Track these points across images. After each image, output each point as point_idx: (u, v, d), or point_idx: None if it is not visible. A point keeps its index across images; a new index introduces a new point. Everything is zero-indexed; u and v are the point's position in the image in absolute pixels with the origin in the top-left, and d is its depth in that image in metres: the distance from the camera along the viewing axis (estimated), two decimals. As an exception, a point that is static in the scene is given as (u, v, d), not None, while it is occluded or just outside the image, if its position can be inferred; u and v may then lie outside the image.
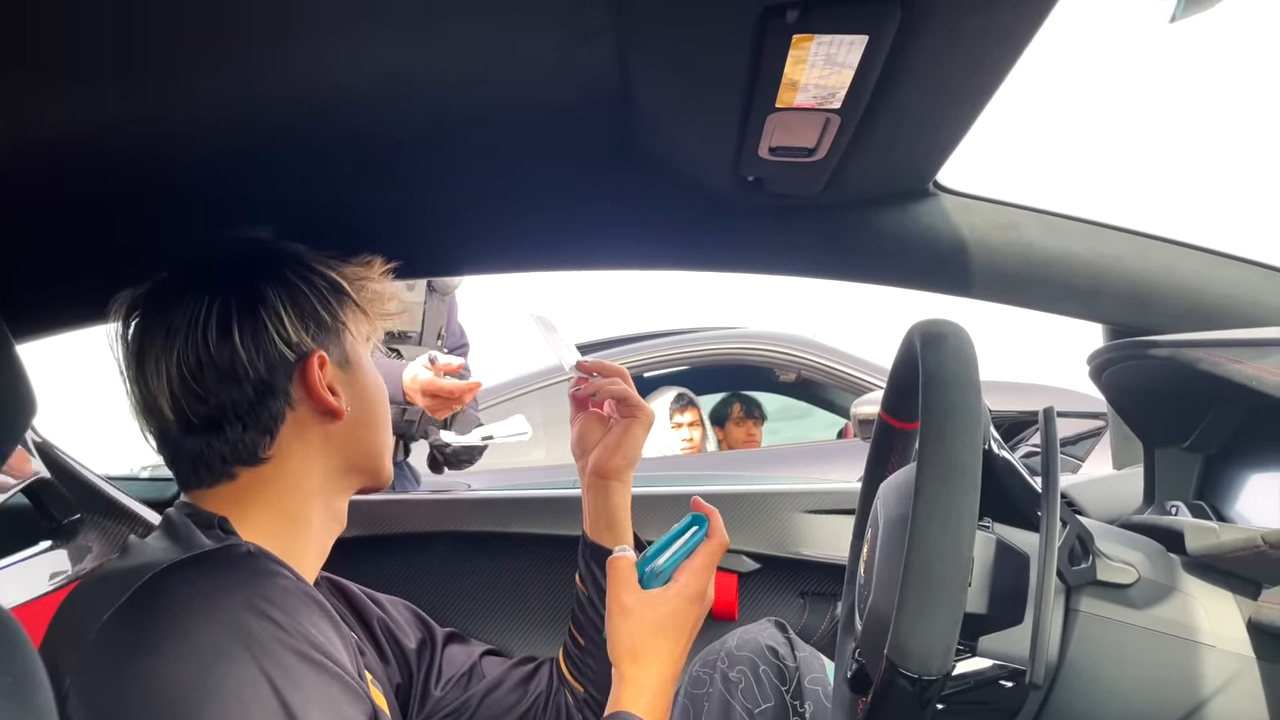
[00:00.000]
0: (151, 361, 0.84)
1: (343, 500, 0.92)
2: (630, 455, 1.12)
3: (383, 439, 0.94)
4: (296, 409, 0.86)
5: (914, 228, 1.04)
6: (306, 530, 0.87)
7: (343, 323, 0.90)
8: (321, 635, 0.73)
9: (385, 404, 0.95)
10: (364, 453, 0.92)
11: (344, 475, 0.91)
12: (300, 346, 0.86)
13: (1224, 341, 0.80)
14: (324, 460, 0.88)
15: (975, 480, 0.65)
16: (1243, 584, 0.79)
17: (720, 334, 3.74)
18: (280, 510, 0.86)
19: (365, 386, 0.92)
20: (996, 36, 0.71)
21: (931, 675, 0.64)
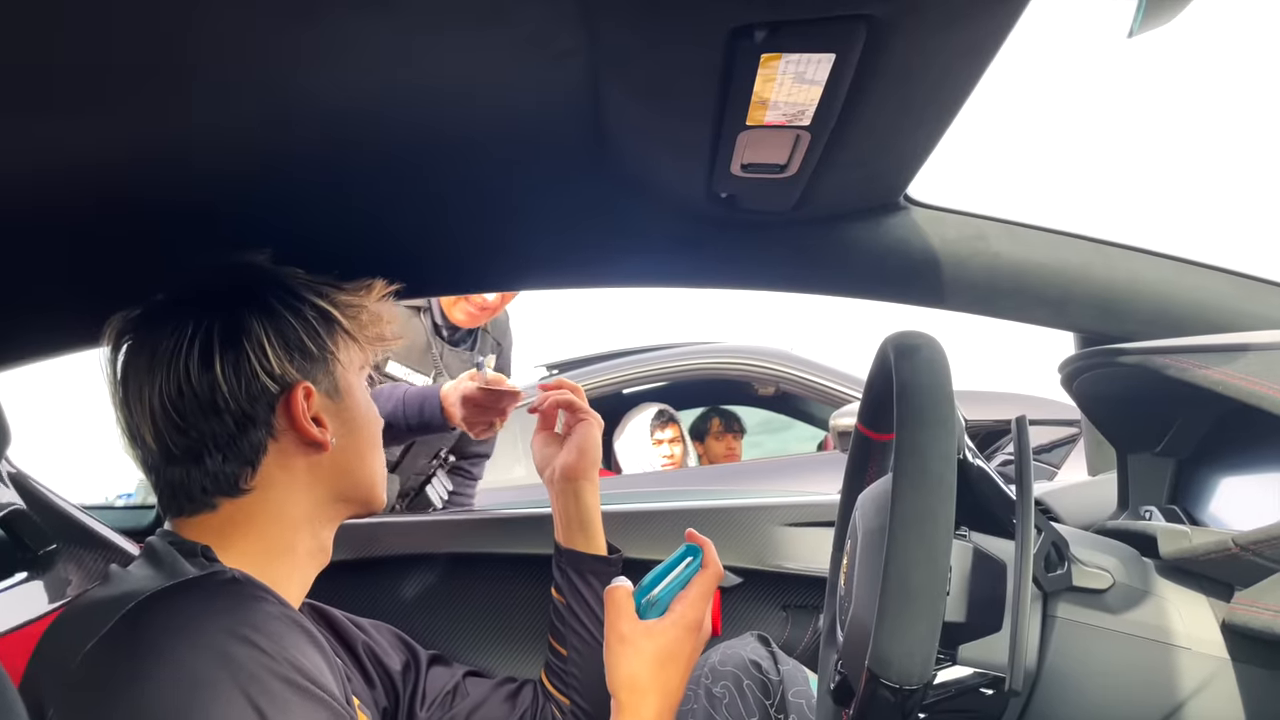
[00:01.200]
0: (135, 389, 0.84)
1: (330, 529, 0.92)
2: (591, 454, 1.16)
3: (373, 468, 0.93)
4: (280, 440, 0.86)
5: (885, 241, 1.05)
6: (291, 559, 0.87)
7: (331, 352, 0.89)
8: (308, 661, 0.72)
9: (376, 433, 0.94)
10: (353, 483, 0.91)
11: (330, 505, 0.90)
12: (284, 378, 0.85)
13: (1191, 348, 0.82)
14: (310, 491, 0.88)
15: (951, 490, 0.65)
16: (1216, 586, 0.80)
17: (698, 349, 3.75)
18: (264, 540, 0.85)
19: (355, 417, 0.91)
20: (961, 52, 0.72)
21: (912, 684, 0.64)
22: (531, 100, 0.82)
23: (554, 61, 0.74)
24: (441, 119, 0.85)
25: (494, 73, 0.76)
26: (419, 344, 1.97)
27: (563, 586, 1.13)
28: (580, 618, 1.11)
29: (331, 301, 0.90)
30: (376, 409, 0.96)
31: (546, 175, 0.99)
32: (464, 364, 2.05)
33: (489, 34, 0.70)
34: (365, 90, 0.78)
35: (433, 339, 1.99)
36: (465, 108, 0.83)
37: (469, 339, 2.08)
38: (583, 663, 1.09)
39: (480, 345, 2.10)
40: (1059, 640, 0.77)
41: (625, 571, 1.32)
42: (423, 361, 1.98)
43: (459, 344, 2.05)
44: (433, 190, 1.01)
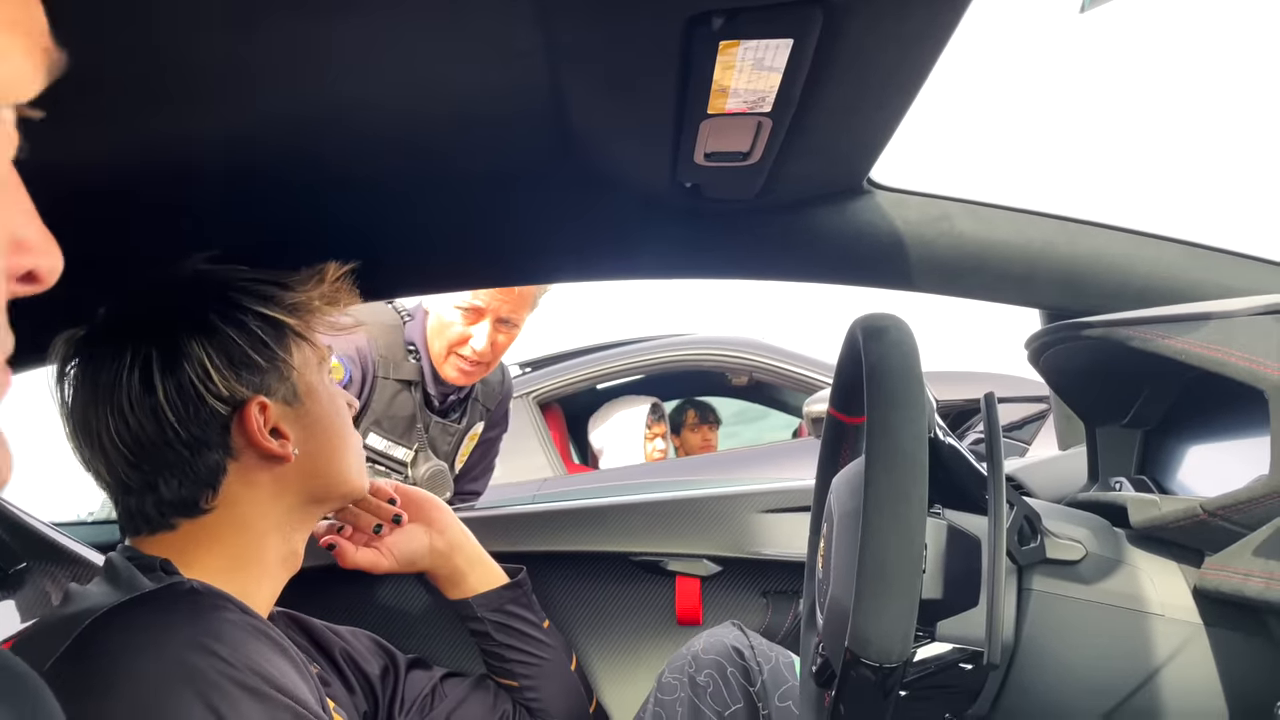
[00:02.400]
0: (82, 422, 0.82)
1: (304, 532, 0.91)
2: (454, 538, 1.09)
3: (345, 464, 0.91)
4: (239, 458, 0.84)
5: (851, 225, 1.05)
6: (260, 568, 0.86)
7: (284, 359, 0.86)
8: (272, 668, 0.72)
9: (345, 427, 0.92)
10: (324, 483, 0.90)
11: (302, 509, 0.89)
12: (233, 397, 0.83)
13: (1153, 319, 0.83)
14: (277, 500, 0.86)
15: (923, 469, 0.66)
16: (1186, 553, 0.81)
17: (671, 341, 3.76)
18: (229, 552, 0.84)
19: (319, 418, 0.89)
20: (917, 35, 0.73)
21: (892, 663, 0.65)
22: (491, 99, 0.82)
23: (512, 59, 0.74)
24: (402, 120, 0.85)
25: (452, 73, 0.76)
26: (404, 416, 1.90)
27: (491, 632, 1.08)
28: (519, 647, 1.08)
29: (279, 306, 0.87)
30: (342, 399, 0.93)
31: (510, 172, 0.99)
32: (450, 438, 1.99)
33: (446, 35, 0.70)
34: (325, 95, 0.77)
35: (420, 411, 1.92)
36: (425, 109, 0.83)
37: (459, 408, 2.01)
38: (537, 682, 1.08)
39: (469, 417, 2.03)
40: (1035, 612, 0.77)
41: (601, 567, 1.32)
42: (406, 435, 1.91)
43: (448, 414, 1.99)
44: (396, 192, 1.01)
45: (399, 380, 1.89)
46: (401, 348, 1.90)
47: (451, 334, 1.84)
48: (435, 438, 1.97)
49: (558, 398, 3.75)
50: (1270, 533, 0.71)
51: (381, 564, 1.04)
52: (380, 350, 1.86)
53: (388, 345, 1.88)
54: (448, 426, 1.98)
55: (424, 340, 1.90)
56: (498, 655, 1.08)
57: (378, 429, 1.88)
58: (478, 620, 1.08)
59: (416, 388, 1.91)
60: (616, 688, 1.28)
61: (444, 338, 1.86)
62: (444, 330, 1.85)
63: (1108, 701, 0.78)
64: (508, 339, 1.88)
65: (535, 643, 1.09)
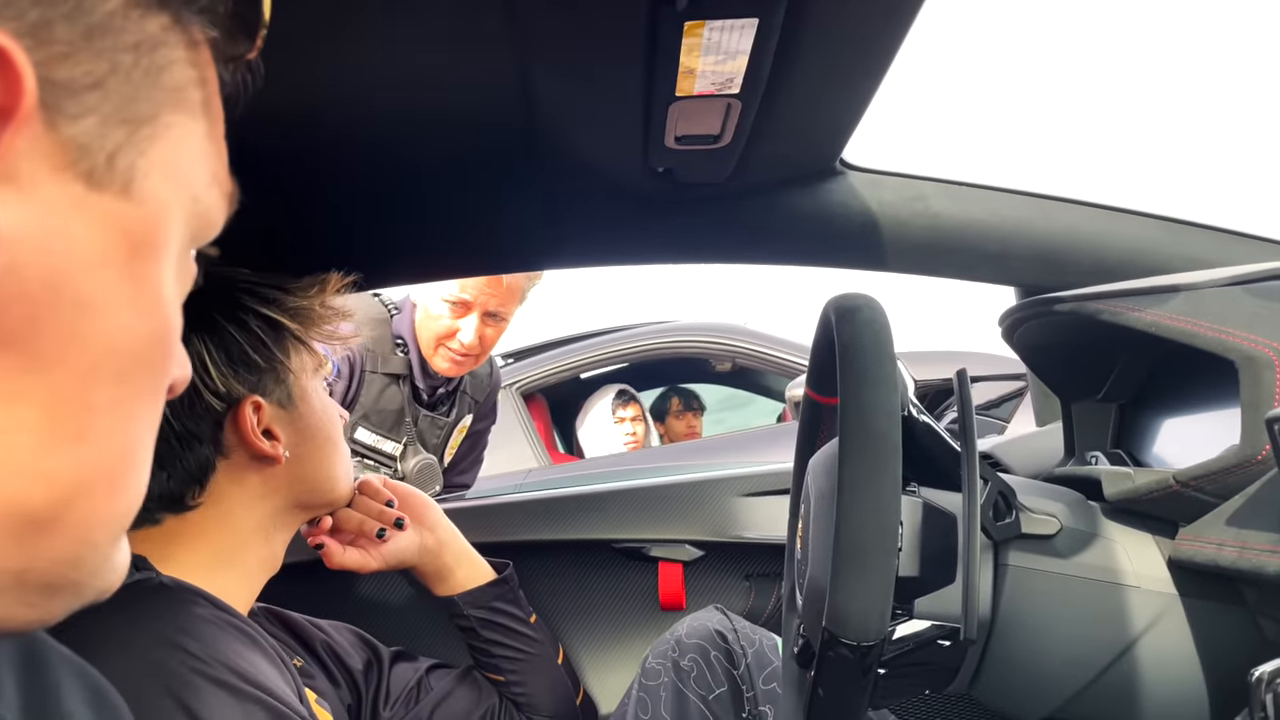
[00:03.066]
0: None
1: (286, 535, 0.90)
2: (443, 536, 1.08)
3: (333, 471, 0.92)
4: (230, 456, 0.84)
5: (825, 207, 1.05)
6: (239, 570, 0.85)
7: (281, 362, 0.87)
8: (245, 663, 0.71)
9: (335, 434, 0.92)
10: (311, 489, 0.90)
11: (287, 513, 0.89)
12: (229, 394, 0.83)
13: (1123, 292, 0.83)
14: (264, 501, 0.86)
15: (896, 447, 0.66)
16: (1160, 524, 0.82)
17: (653, 329, 3.76)
18: (210, 550, 0.83)
19: (311, 423, 0.89)
20: (883, 13, 0.72)
21: (870, 641, 0.65)
22: (460, 88, 0.81)
23: (478, 47, 0.74)
24: (370, 112, 0.84)
25: (418, 63, 0.75)
26: (392, 411, 1.89)
27: (477, 629, 1.08)
28: (505, 643, 1.08)
29: (280, 308, 0.87)
30: (334, 408, 0.94)
31: (481, 161, 0.99)
32: (440, 429, 1.98)
33: (410, 24, 0.69)
34: (290, 85, 0.76)
35: (408, 405, 1.91)
36: (393, 100, 0.82)
37: (448, 401, 2.00)
38: (523, 676, 1.08)
39: (458, 409, 2.02)
40: (1012, 587, 0.78)
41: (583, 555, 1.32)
42: (395, 429, 1.90)
43: (436, 407, 1.98)
44: (369, 182, 1.00)
45: (387, 374, 1.88)
46: (389, 341, 1.89)
47: (439, 327, 1.84)
48: (424, 431, 1.96)
49: (541, 388, 3.74)
50: (1242, 502, 0.72)
51: (370, 565, 1.03)
52: (368, 345, 1.86)
53: (375, 340, 1.87)
54: (436, 419, 1.98)
55: (412, 333, 1.89)
56: (484, 651, 1.08)
57: (366, 423, 1.88)
58: (464, 617, 1.08)
59: (405, 381, 1.91)
60: (601, 675, 1.28)
61: (432, 330, 1.85)
62: (432, 323, 1.85)
63: (1086, 673, 0.79)
64: (496, 332, 1.88)
65: (522, 638, 1.09)
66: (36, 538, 0.29)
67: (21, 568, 0.29)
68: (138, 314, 0.31)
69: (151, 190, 0.31)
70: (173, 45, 0.31)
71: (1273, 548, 0.66)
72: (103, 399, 0.30)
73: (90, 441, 0.30)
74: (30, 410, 0.28)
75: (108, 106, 0.29)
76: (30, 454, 0.28)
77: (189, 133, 0.32)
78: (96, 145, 0.29)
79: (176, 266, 0.33)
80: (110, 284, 0.30)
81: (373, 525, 1.03)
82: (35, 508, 0.29)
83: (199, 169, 0.33)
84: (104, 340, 0.30)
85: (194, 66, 0.32)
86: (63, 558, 0.31)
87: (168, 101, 0.31)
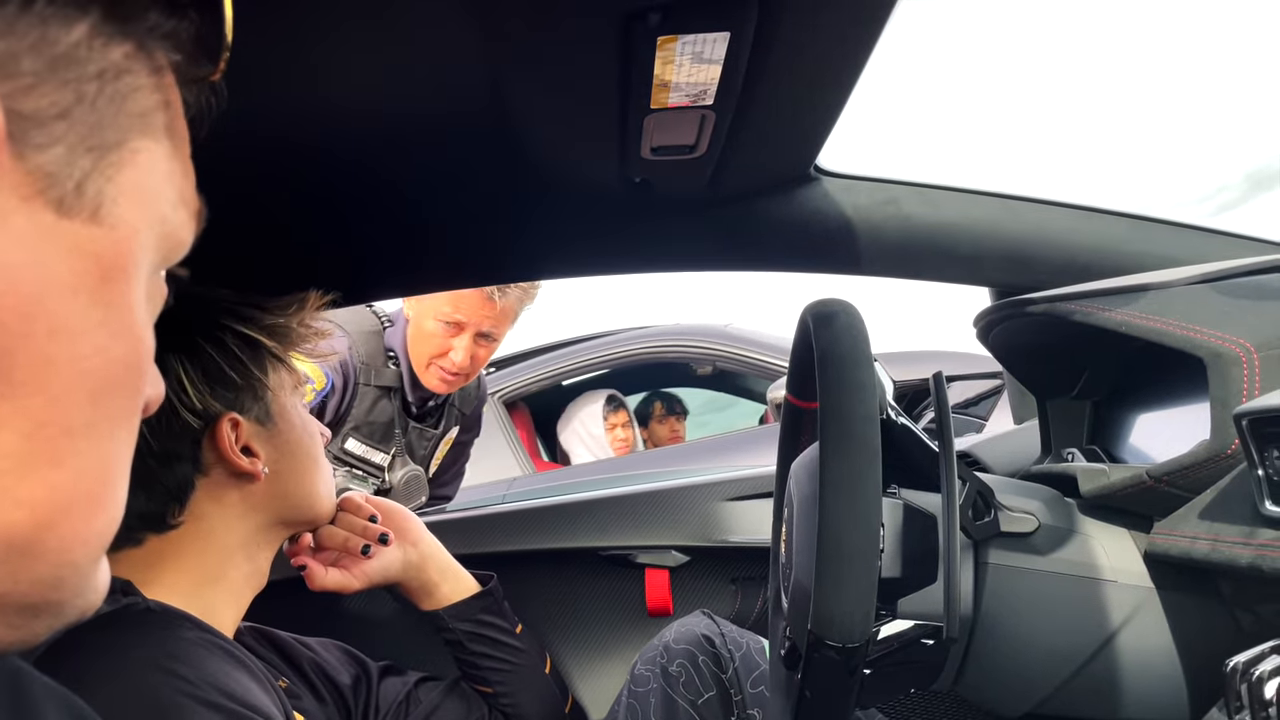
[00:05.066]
0: None
1: (269, 552, 0.90)
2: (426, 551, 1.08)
3: (313, 488, 0.92)
4: (209, 474, 0.84)
5: (800, 213, 1.06)
6: (224, 586, 0.85)
7: (259, 379, 0.87)
8: (234, 683, 0.71)
9: (315, 451, 0.92)
10: (292, 505, 0.90)
11: (269, 529, 0.89)
12: (207, 412, 0.83)
13: (1094, 292, 0.85)
14: (245, 519, 0.86)
15: (875, 450, 0.67)
16: (1136, 519, 0.84)
17: (634, 334, 3.76)
18: (194, 571, 0.83)
19: (290, 440, 0.89)
20: (852, 22, 0.74)
21: (854, 642, 0.66)
22: (436, 100, 0.82)
23: (453, 60, 0.74)
24: (345, 125, 0.84)
25: (392, 73, 0.76)
26: (383, 423, 1.91)
27: (464, 642, 1.08)
28: (492, 654, 1.08)
29: (257, 326, 0.88)
30: (314, 425, 0.94)
31: (459, 174, 0.99)
32: (427, 441, 2.00)
33: (384, 36, 0.69)
34: (267, 101, 0.77)
35: (399, 417, 1.93)
36: (368, 112, 0.82)
37: (436, 414, 2.02)
38: (511, 688, 1.08)
39: (446, 421, 2.04)
40: (992, 585, 0.79)
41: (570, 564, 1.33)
42: (385, 440, 1.92)
43: (425, 419, 2.00)
44: (346, 196, 1.00)
45: (379, 387, 1.89)
46: (382, 354, 1.90)
47: (431, 346, 1.85)
48: (412, 442, 1.97)
49: (523, 397, 3.74)
50: (1213, 496, 0.73)
51: (352, 585, 1.03)
52: (361, 357, 1.87)
53: (369, 352, 1.88)
54: (424, 431, 1.99)
55: (404, 347, 1.90)
56: (471, 663, 1.09)
57: (357, 434, 1.89)
58: (450, 630, 1.08)
59: (396, 394, 1.92)
60: (590, 682, 1.29)
61: (424, 349, 1.87)
62: (424, 341, 1.86)
63: (1067, 667, 0.80)
64: (487, 352, 1.90)
65: (508, 649, 1.09)
66: (18, 561, 0.30)
67: (2, 590, 0.30)
68: (111, 337, 0.31)
69: (120, 215, 0.31)
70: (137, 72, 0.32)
71: (1244, 540, 0.68)
72: (79, 422, 0.30)
73: (68, 464, 0.30)
74: (7, 436, 0.28)
75: (74, 135, 0.29)
76: (9, 479, 0.29)
77: (155, 156, 0.33)
78: (65, 173, 0.29)
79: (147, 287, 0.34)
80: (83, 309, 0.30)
81: (357, 542, 1.03)
82: (15, 532, 0.29)
83: (166, 191, 0.34)
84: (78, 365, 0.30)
85: (158, 91, 0.33)
86: (44, 579, 0.31)
87: (133, 127, 0.32)
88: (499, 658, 1.08)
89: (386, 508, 1.07)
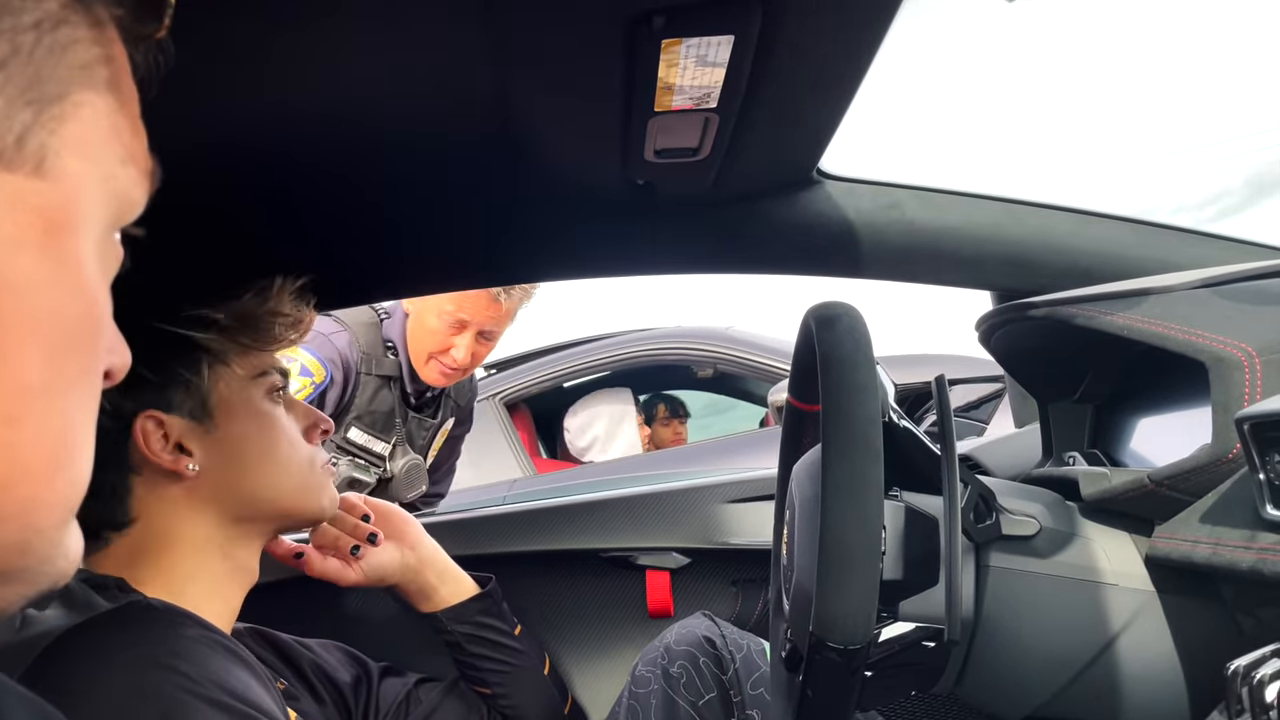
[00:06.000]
0: None
1: (245, 548, 0.89)
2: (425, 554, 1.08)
3: (270, 481, 0.89)
4: (142, 472, 0.83)
5: (802, 216, 1.07)
6: (205, 582, 0.85)
7: (190, 377, 0.85)
8: (236, 681, 0.71)
9: (272, 445, 0.89)
10: (244, 501, 0.87)
11: (232, 525, 0.87)
12: (117, 411, 0.81)
13: (1096, 296, 0.85)
14: (198, 515, 0.85)
15: (878, 453, 0.67)
16: (1137, 523, 0.84)
17: (635, 336, 3.77)
18: (168, 567, 0.83)
19: (233, 435, 0.86)
20: (856, 25, 0.74)
21: (856, 644, 0.66)
22: (439, 100, 0.82)
23: (457, 60, 0.74)
24: (347, 124, 0.84)
25: (397, 74, 0.76)
26: (384, 412, 1.95)
27: (462, 643, 1.08)
28: (491, 656, 1.08)
29: (191, 322, 0.86)
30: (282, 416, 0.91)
31: (462, 174, 0.99)
32: (426, 431, 2.03)
33: (388, 35, 0.70)
34: (268, 99, 0.77)
35: (399, 407, 1.97)
36: (370, 111, 0.82)
37: (433, 404, 2.06)
38: (509, 689, 1.08)
39: (443, 412, 2.08)
40: (993, 588, 0.79)
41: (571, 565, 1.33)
42: (386, 429, 1.95)
43: (423, 409, 2.04)
44: (345, 195, 1.00)
45: (380, 376, 1.93)
46: (380, 344, 1.94)
47: (432, 342, 1.89)
48: (412, 432, 2.01)
49: (524, 398, 3.74)
50: (1215, 500, 0.73)
51: (348, 575, 1.03)
52: (362, 348, 1.90)
53: (369, 343, 1.92)
54: (423, 421, 2.03)
55: (402, 339, 1.94)
56: (470, 664, 1.09)
57: (359, 424, 1.92)
58: (449, 632, 1.08)
59: (395, 383, 1.96)
60: (591, 684, 1.29)
61: (424, 344, 1.90)
62: (425, 336, 1.90)
63: (1067, 671, 0.80)
64: (486, 350, 1.94)
65: (507, 650, 1.09)
66: None
67: None
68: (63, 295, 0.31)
69: (64, 169, 0.31)
70: (75, 24, 0.31)
71: (1245, 544, 0.68)
72: (34, 380, 0.30)
73: (26, 425, 0.30)
74: None
75: (12, 88, 0.29)
76: None
77: (99, 111, 0.33)
78: (4, 127, 0.29)
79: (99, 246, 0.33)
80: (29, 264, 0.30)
81: (347, 541, 1.03)
82: None
83: (112, 146, 0.33)
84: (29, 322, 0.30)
85: (99, 45, 0.33)
86: (10, 544, 0.31)
87: (75, 80, 0.31)
88: (497, 659, 1.08)
89: (384, 510, 1.07)
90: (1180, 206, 5.73)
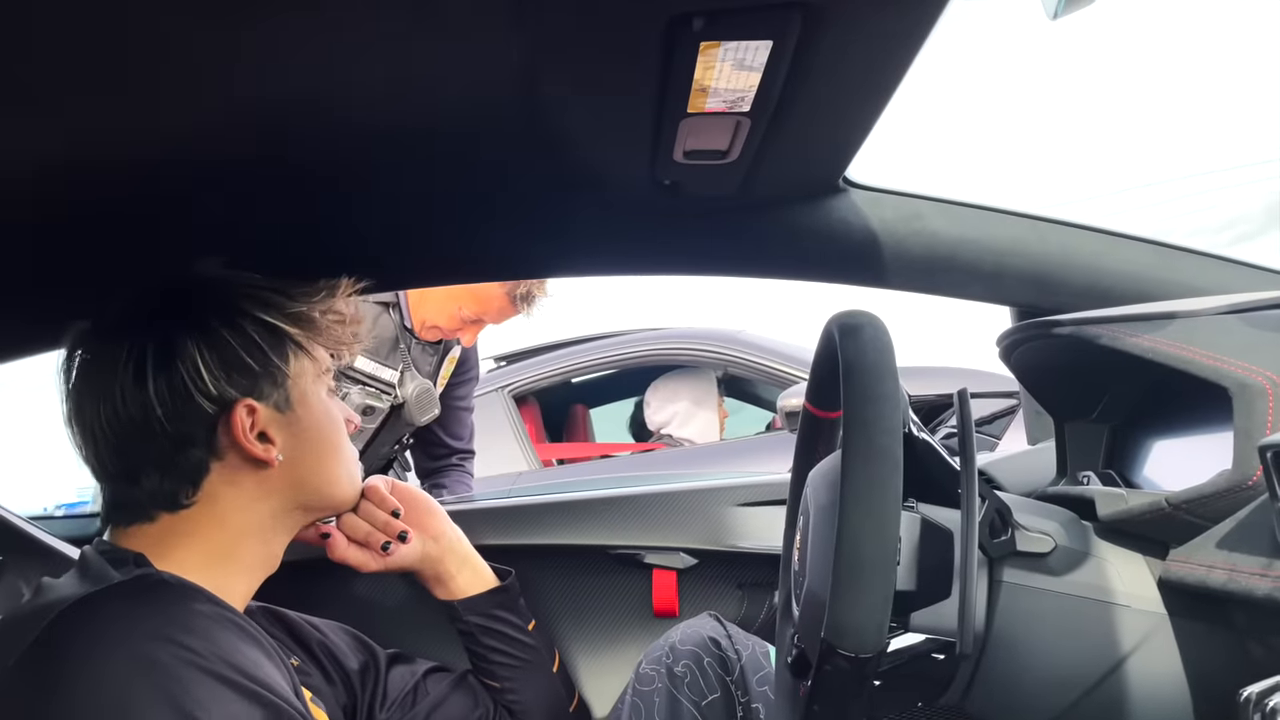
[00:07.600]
0: (75, 407, 0.84)
1: (284, 538, 0.91)
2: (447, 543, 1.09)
3: (332, 475, 0.93)
4: (224, 458, 0.85)
5: (827, 223, 1.07)
6: (235, 568, 0.86)
7: (278, 366, 0.88)
8: (244, 658, 0.72)
9: (335, 438, 0.93)
10: (310, 491, 0.91)
11: (286, 515, 0.90)
12: (222, 398, 0.84)
13: (1121, 317, 0.85)
14: (260, 503, 0.87)
15: (897, 463, 0.67)
16: (1152, 545, 0.84)
17: (645, 335, 3.77)
18: (204, 549, 0.84)
19: (309, 427, 0.90)
20: (894, 37, 0.74)
21: (867, 653, 0.66)
22: (470, 95, 0.82)
23: (490, 55, 0.74)
24: (379, 118, 0.85)
25: (429, 69, 0.76)
26: (387, 338, 1.97)
27: (476, 634, 1.08)
28: (503, 649, 1.09)
29: (281, 314, 0.89)
30: (338, 412, 0.94)
31: (490, 169, 1.00)
32: (431, 358, 2.06)
33: (421, 30, 0.70)
34: (303, 91, 0.77)
35: (401, 334, 2.00)
36: (402, 106, 0.83)
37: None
38: (518, 684, 1.09)
39: (448, 345, 2.10)
40: (1005, 603, 0.79)
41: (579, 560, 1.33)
42: (391, 356, 1.98)
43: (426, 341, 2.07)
44: (377, 188, 1.01)
45: (378, 303, 1.96)
46: None
47: (440, 319, 1.95)
48: (417, 359, 2.03)
49: (533, 391, 3.75)
50: (1232, 526, 0.73)
51: (370, 565, 1.04)
52: None
53: None
54: (426, 347, 2.05)
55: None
56: (482, 656, 1.09)
57: (364, 352, 1.94)
58: (464, 622, 1.09)
59: (395, 309, 1.99)
60: (594, 680, 1.29)
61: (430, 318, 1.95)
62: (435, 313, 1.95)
63: (1076, 690, 0.80)
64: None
65: (519, 645, 1.10)
66: None
67: None
68: None
69: None
70: None
71: (1262, 571, 0.68)
72: None
73: None
74: None
75: None
76: None
77: None
78: None
79: None
80: None
81: (379, 538, 1.04)
82: None
83: None
84: None
85: None
86: None
87: None
88: (509, 653, 1.09)
89: (409, 497, 1.08)
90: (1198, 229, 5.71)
